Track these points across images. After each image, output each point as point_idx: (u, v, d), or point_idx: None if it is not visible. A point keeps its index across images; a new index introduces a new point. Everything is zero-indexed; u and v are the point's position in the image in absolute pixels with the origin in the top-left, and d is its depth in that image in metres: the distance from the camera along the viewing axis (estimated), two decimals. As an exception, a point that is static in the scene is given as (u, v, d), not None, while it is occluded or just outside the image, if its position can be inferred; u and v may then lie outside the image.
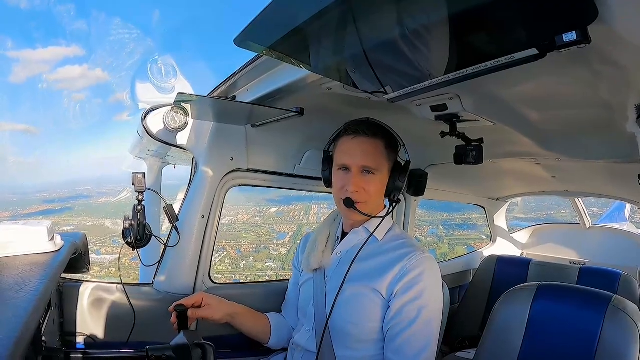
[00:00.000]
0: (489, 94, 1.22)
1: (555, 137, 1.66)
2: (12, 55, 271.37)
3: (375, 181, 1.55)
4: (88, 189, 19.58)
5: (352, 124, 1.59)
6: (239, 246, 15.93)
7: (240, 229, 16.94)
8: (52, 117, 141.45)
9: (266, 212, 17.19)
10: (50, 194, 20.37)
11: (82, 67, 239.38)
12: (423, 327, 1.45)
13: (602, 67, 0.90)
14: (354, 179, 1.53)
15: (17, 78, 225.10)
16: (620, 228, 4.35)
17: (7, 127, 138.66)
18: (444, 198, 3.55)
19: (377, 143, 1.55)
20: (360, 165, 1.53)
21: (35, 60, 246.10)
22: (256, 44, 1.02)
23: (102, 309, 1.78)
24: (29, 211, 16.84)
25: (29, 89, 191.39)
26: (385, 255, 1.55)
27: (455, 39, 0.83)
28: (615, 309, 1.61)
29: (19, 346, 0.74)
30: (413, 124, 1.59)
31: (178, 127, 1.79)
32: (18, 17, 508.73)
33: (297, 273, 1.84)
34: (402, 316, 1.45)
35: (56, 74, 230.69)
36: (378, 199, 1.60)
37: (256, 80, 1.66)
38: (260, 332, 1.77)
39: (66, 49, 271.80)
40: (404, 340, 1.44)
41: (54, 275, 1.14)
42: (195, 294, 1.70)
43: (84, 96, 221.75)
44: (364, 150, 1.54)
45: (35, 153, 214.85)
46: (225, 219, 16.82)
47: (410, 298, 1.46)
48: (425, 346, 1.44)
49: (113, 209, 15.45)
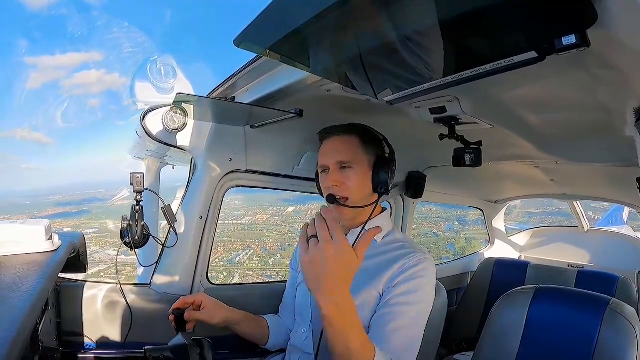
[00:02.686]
0: (488, 97, 1.23)
1: (554, 140, 1.66)
2: (30, 61, 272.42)
3: (355, 175, 1.54)
4: (102, 191, 19.61)
5: (323, 131, 1.62)
6: (264, 245, 16.16)
7: (262, 228, 17.14)
8: (65, 122, 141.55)
9: (284, 212, 17.37)
10: (64, 196, 20.38)
11: (99, 72, 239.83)
12: (412, 321, 1.41)
13: (601, 71, 0.90)
14: (332, 175, 1.54)
15: (33, 84, 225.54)
16: (619, 231, 4.35)
17: (20, 133, 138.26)
18: (442, 200, 3.56)
19: (351, 138, 1.56)
20: (335, 162, 1.54)
21: (52, 66, 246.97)
22: (256, 45, 1.02)
23: (99, 309, 1.78)
24: (46, 214, 16.85)
25: (44, 95, 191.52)
26: (385, 256, 1.54)
27: (454, 41, 0.83)
28: (613, 312, 1.61)
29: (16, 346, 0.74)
30: (412, 126, 1.59)
31: (177, 127, 1.79)
32: (37, 22, 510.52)
33: (294, 274, 1.83)
34: (393, 306, 1.42)
35: (73, 79, 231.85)
36: (362, 193, 1.58)
37: (255, 81, 1.66)
38: (258, 334, 1.77)
39: (84, 54, 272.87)
40: (392, 329, 1.39)
41: (52, 275, 1.13)
42: (196, 294, 1.69)
43: (99, 101, 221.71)
44: (337, 148, 1.55)
45: (46, 157, 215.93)
46: (245, 219, 17.26)
47: (404, 290, 1.43)
48: (412, 340, 1.40)
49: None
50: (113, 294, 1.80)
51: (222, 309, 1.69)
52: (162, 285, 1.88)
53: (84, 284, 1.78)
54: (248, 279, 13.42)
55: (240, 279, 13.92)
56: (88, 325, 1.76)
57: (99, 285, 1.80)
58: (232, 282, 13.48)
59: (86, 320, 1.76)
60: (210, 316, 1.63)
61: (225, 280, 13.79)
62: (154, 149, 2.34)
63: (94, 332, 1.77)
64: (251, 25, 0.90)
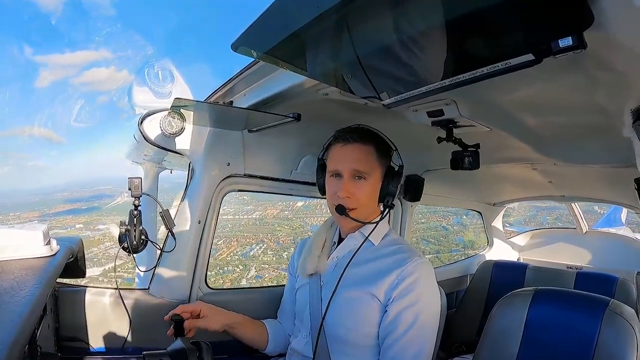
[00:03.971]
0: (485, 100, 1.23)
1: (552, 142, 1.66)
2: (40, 60, 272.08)
3: (366, 186, 1.56)
4: (109, 188, 19.58)
5: (342, 131, 1.60)
6: (276, 239, 16.22)
7: (273, 223, 17.22)
8: (72, 119, 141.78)
9: (293, 206, 17.43)
10: (72, 193, 20.30)
11: (109, 70, 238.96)
12: (419, 333, 1.45)
13: (599, 72, 0.90)
14: (345, 184, 1.54)
15: (42, 82, 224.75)
16: (617, 232, 4.36)
17: (28, 131, 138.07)
18: (440, 203, 3.56)
19: (369, 149, 1.56)
20: (351, 170, 1.54)
21: (62, 64, 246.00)
22: (253, 50, 1.02)
23: (97, 314, 1.77)
24: (55, 210, 16.80)
25: (52, 93, 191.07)
26: (382, 261, 1.56)
27: (451, 44, 0.83)
28: (613, 313, 1.60)
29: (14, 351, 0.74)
30: (409, 129, 1.60)
31: (175, 132, 1.79)
32: (47, 21, 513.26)
33: (292, 279, 1.83)
34: (399, 322, 1.45)
35: (82, 77, 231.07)
36: (370, 204, 1.60)
37: (253, 85, 1.67)
38: (257, 340, 1.77)
39: (94, 52, 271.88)
40: (401, 347, 1.44)
41: (50, 280, 1.13)
42: (193, 303, 1.69)
43: (108, 98, 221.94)
44: (354, 156, 1.55)
45: (54, 155, 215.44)
46: (255, 213, 17.32)
47: (406, 304, 1.46)
48: (420, 351, 1.45)
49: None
50: (111, 298, 1.79)
51: (221, 314, 1.69)
52: (160, 290, 1.87)
53: (82, 289, 1.78)
54: (264, 272, 13.70)
55: (256, 272, 14.10)
56: (87, 330, 1.75)
57: (97, 290, 1.80)
58: (241, 280, 13.68)
59: (84, 326, 1.75)
60: (210, 323, 1.62)
61: (242, 274, 13.90)
62: (152, 153, 2.34)
63: (93, 337, 1.76)
64: (248, 29, 0.91)
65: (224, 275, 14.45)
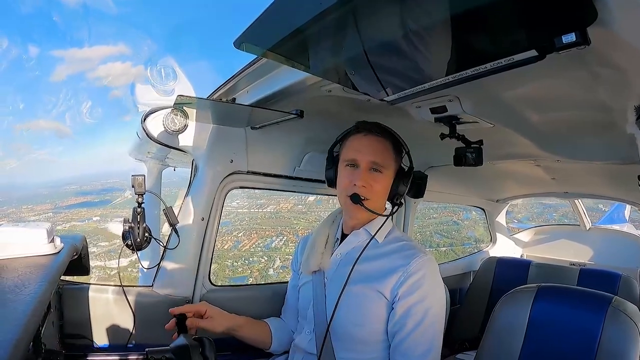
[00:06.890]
0: (489, 96, 1.22)
1: (555, 139, 1.66)
2: (57, 54, 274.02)
3: (382, 179, 1.57)
4: (118, 181, 19.68)
5: (363, 123, 1.62)
6: (295, 231, 16.72)
7: (289, 217, 17.72)
8: (85, 113, 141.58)
9: (306, 200, 17.68)
10: (80, 186, 20.37)
11: (125, 64, 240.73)
12: (429, 328, 1.46)
13: (602, 69, 0.90)
14: (363, 174, 1.55)
15: (58, 77, 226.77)
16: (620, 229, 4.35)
17: (40, 125, 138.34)
18: (444, 200, 3.55)
19: (387, 144, 1.58)
20: (369, 161, 1.55)
21: (79, 58, 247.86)
22: (256, 46, 1.02)
23: (101, 312, 1.78)
24: (67, 203, 16.89)
25: (67, 87, 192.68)
26: (387, 257, 1.56)
27: (454, 40, 0.83)
28: (616, 310, 1.60)
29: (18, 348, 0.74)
30: (413, 126, 1.59)
31: (178, 129, 1.79)
32: (66, 16, 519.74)
33: (295, 276, 1.83)
34: (409, 318, 1.46)
35: (97, 71, 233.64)
36: (382, 198, 1.61)
37: (256, 82, 1.67)
38: (260, 339, 1.77)
39: (112, 47, 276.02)
40: (412, 342, 1.45)
41: (54, 278, 1.14)
42: (198, 304, 1.69)
43: (121, 92, 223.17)
44: (374, 148, 1.56)
45: (65, 148, 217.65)
46: (269, 207, 17.84)
47: (415, 300, 1.47)
48: (431, 347, 1.46)
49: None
50: (115, 296, 1.80)
51: (225, 317, 1.70)
52: (164, 287, 1.87)
53: (86, 286, 1.78)
54: (287, 263, 13.99)
55: (281, 262, 14.54)
56: (90, 327, 1.76)
57: (101, 287, 1.80)
58: (268, 270, 13.88)
59: (88, 323, 1.76)
60: (214, 325, 1.63)
61: (267, 264, 14.05)
62: (155, 150, 2.34)
63: (97, 335, 1.77)
64: (251, 26, 0.90)
65: (251, 266, 14.62)
